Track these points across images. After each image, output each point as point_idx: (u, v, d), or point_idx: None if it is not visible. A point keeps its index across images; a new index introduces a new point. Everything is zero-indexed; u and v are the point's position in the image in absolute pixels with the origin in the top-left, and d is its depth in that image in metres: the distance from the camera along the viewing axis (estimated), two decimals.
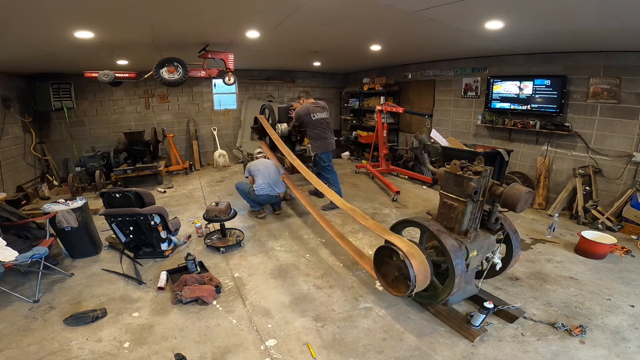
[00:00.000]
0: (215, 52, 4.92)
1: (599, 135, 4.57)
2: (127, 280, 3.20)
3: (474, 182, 2.28)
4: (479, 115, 5.99)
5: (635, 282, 3.06)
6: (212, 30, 4.06)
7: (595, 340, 2.34)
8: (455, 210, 2.42)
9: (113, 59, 5.21)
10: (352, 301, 2.85)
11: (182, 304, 2.78)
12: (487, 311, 2.35)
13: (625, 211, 4.15)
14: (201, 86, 7.99)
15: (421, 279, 2.28)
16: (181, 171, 7.49)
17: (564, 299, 2.81)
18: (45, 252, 3.01)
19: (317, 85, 9.32)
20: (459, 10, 3.06)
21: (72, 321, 2.56)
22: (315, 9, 3.21)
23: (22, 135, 6.02)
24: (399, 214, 4.78)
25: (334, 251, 3.71)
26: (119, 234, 3.55)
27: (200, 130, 8.16)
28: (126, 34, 3.92)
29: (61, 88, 6.06)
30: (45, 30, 3.48)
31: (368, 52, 5.64)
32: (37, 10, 2.85)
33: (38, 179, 6.33)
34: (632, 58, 4.11)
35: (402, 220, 2.77)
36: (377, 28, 4.07)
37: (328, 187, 3.88)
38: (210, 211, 3.79)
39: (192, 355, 2.26)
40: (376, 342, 2.37)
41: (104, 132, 7.30)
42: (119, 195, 3.49)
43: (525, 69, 5.28)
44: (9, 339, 2.42)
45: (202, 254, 3.71)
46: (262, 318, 2.65)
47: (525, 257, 3.51)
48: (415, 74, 7.40)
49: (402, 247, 2.37)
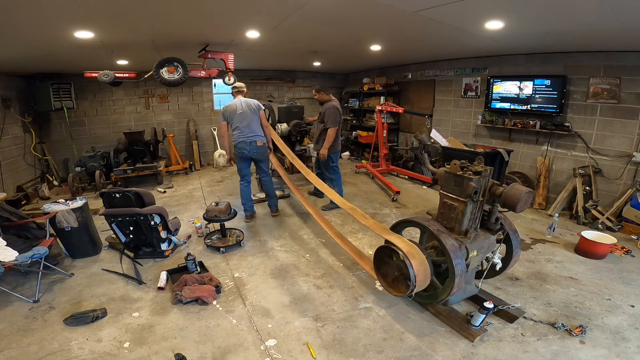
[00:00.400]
0: (215, 52, 4.92)
1: (599, 135, 4.57)
2: (127, 280, 3.20)
3: (474, 182, 2.28)
4: (479, 115, 5.99)
5: (635, 282, 3.06)
6: (212, 30, 4.06)
7: (595, 340, 2.34)
8: (455, 210, 2.42)
9: (113, 59, 5.21)
10: (352, 301, 2.85)
11: (182, 304, 2.78)
12: (487, 311, 2.35)
13: (625, 211, 4.15)
14: (201, 86, 7.99)
15: (421, 279, 2.28)
16: (181, 171, 7.49)
17: (564, 299, 2.81)
18: (45, 252, 3.01)
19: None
20: (459, 10, 3.06)
21: (72, 321, 2.56)
22: (315, 9, 3.21)
23: (22, 135, 6.02)
24: (398, 214, 4.78)
25: (334, 251, 3.71)
26: (119, 234, 3.55)
27: (200, 130, 8.16)
28: (126, 34, 3.92)
29: (61, 88, 6.06)
30: (45, 30, 3.48)
31: (368, 52, 5.64)
32: (37, 10, 2.85)
33: (38, 179, 6.33)
34: (632, 58, 4.11)
35: (402, 220, 2.77)
36: (377, 28, 4.07)
37: (328, 187, 3.89)
38: (210, 211, 3.79)
39: (192, 355, 2.26)
40: (376, 342, 2.37)
41: (104, 132, 7.29)
42: (119, 195, 3.49)
43: (525, 69, 5.28)
44: (9, 339, 2.42)
45: (202, 254, 3.71)
46: (262, 318, 2.65)
47: (525, 257, 3.51)
48: (415, 74, 7.40)
49: (402, 247, 2.37)
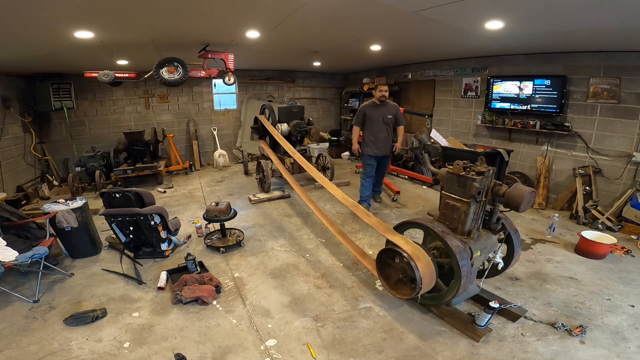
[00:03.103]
0: (215, 52, 4.92)
1: (599, 135, 4.57)
2: (127, 280, 3.20)
3: (478, 183, 2.28)
4: (479, 115, 5.99)
5: (635, 282, 3.06)
6: (212, 30, 4.07)
7: (595, 340, 2.34)
8: (458, 210, 2.42)
9: (113, 59, 5.21)
10: (352, 301, 2.85)
11: (182, 304, 2.78)
12: (492, 311, 2.35)
13: (625, 211, 4.15)
14: (201, 86, 7.99)
15: (427, 281, 2.28)
16: (181, 171, 7.49)
17: (564, 299, 2.81)
18: (45, 252, 3.01)
19: (317, 85, 9.33)
20: (459, 10, 3.06)
21: (72, 321, 2.56)
22: (315, 9, 3.22)
23: (22, 135, 6.01)
24: (399, 214, 4.78)
25: (334, 251, 3.71)
26: (119, 234, 3.55)
27: (200, 130, 8.16)
28: (126, 34, 3.92)
29: (61, 88, 6.06)
30: (45, 30, 3.48)
31: (368, 52, 5.64)
32: (38, 10, 2.85)
33: (38, 179, 6.33)
34: (632, 58, 4.11)
35: (405, 222, 2.76)
36: (377, 28, 4.07)
37: (323, 177, 3.95)
38: (210, 211, 3.79)
39: (192, 355, 2.26)
40: (376, 342, 2.37)
41: (104, 132, 7.30)
42: (119, 195, 3.49)
43: (525, 69, 5.27)
44: (9, 339, 2.42)
45: (202, 254, 3.71)
46: (262, 318, 2.65)
47: (525, 257, 3.51)
48: (415, 74, 7.40)
49: (407, 249, 2.36)
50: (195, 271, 3.19)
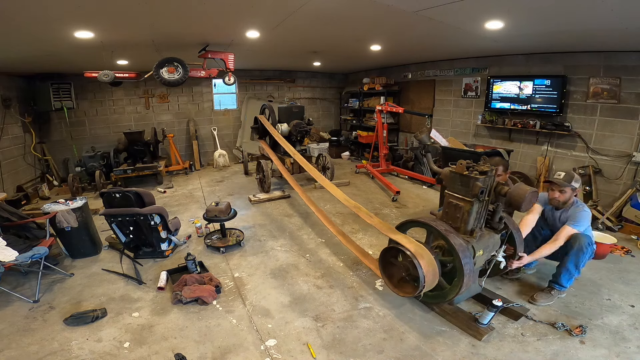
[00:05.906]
0: (215, 52, 4.92)
1: (599, 135, 4.57)
2: (127, 280, 3.20)
3: (481, 182, 2.28)
4: (479, 115, 6.00)
5: (635, 282, 3.06)
6: (212, 30, 4.06)
7: (595, 340, 2.34)
8: (461, 210, 2.42)
9: (113, 59, 5.21)
10: (352, 301, 2.85)
11: (182, 304, 2.78)
12: (495, 309, 2.36)
13: (625, 211, 4.15)
14: (201, 86, 7.99)
15: (430, 279, 2.29)
16: (181, 171, 7.49)
17: (564, 299, 2.80)
18: (45, 252, 3.01)
19: (317, 85, 9.33)
20: (459, 10, 3.06)
21: (72, 321, 2.56)
22: (315, 9, 3.21)
23: (22, 135, 6.02)
24: (399, 214, 4.78)
25: (334, 251, 3.71)
26: (119, 234, 3.55)
27: (200, 130, 8.16)
28: (126, 34, 3.92)
29: (61, 88, 6.07)
30: (45, 30, 3.48)
31: (368, 52, 5.64)
32: (38, 10, 2.85)
33: (38, 179, 6.33)
34: (632, 58, 4.11)
35: (408, 221, 2.77)
36: (377, 28, 4.07)
37: (324, 178, 3.95)
38: (210, 211, 3.79)
39: (192, 355, 2.26)
40: (376, 342, 2.37)
41: (104, 132, 7.30)
42: (119, 195, 3.49)
43: (525, 69, 5.28)
44: (9, 339, 2.42)
45: (202, 254, 3.71)
46: (262, 318, 2.64)
47: None
48: (415, 74, 7.40)
49: (410, 247, 2.37)
50: (195, 271, 3.19)
